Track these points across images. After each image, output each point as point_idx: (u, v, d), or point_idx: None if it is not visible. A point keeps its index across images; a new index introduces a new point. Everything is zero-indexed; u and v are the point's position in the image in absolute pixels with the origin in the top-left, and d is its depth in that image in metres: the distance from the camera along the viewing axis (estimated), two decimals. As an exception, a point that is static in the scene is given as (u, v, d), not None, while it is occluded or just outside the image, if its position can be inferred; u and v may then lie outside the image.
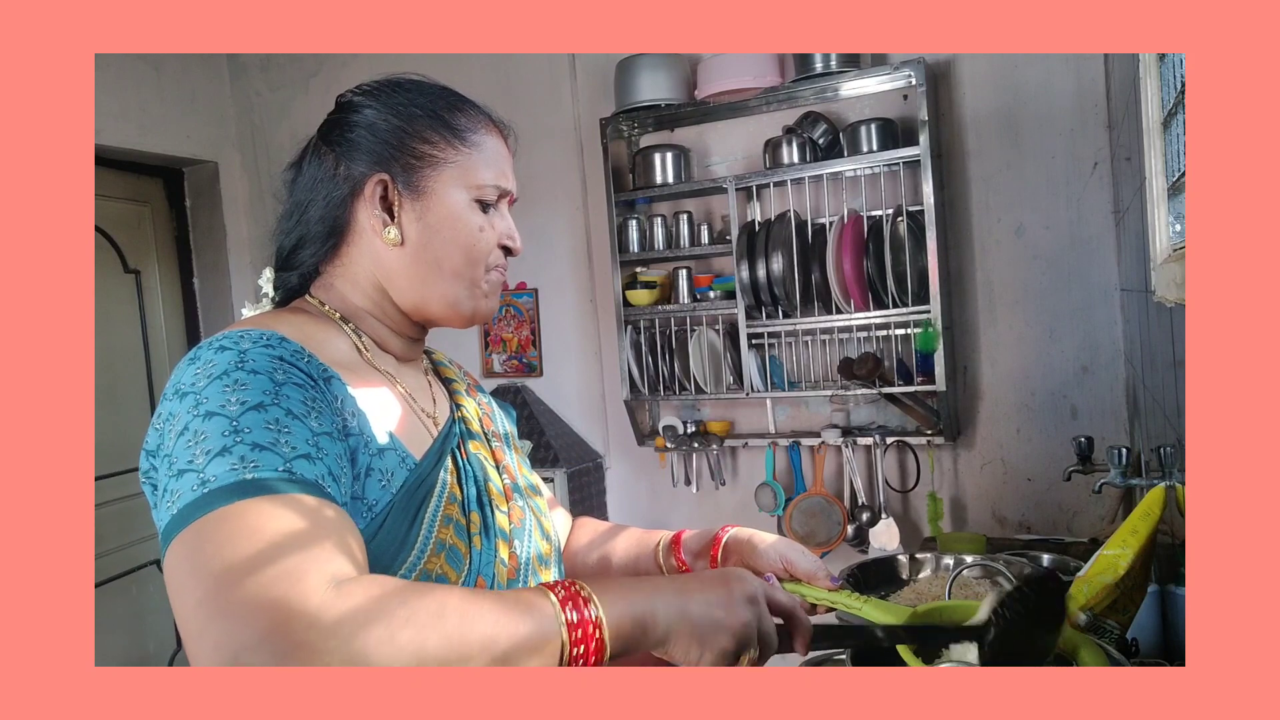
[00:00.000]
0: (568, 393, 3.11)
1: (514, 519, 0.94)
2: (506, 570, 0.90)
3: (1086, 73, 2.39)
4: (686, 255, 2.79)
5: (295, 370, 0.76)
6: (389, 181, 0.89)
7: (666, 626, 0.74)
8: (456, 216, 0.90)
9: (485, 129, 0.94)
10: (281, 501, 0.66)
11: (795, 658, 0.88)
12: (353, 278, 0.92)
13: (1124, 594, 1.10)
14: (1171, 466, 1.24)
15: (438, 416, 0.95)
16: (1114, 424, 2.42)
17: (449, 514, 0.86)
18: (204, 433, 0.69)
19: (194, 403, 0.71)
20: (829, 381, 2.63)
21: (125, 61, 3.02)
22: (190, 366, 0.74)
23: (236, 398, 0.70)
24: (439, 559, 0.82)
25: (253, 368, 0.73)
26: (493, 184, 0.92)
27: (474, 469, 0.93)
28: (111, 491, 3.00)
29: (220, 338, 0.77)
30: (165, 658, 3.20)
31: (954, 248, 2.56)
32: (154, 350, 3.25)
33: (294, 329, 0.82)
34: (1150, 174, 1.37)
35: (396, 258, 0.90)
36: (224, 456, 0.67)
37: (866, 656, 0.97)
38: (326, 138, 0.94)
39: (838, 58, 2.50)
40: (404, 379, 0.94)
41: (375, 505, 0.79)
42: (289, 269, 0.95)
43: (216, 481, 0.66)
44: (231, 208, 3.42)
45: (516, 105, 2.98)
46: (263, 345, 0.76)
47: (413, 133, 0.90)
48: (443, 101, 0.93)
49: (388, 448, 0.83)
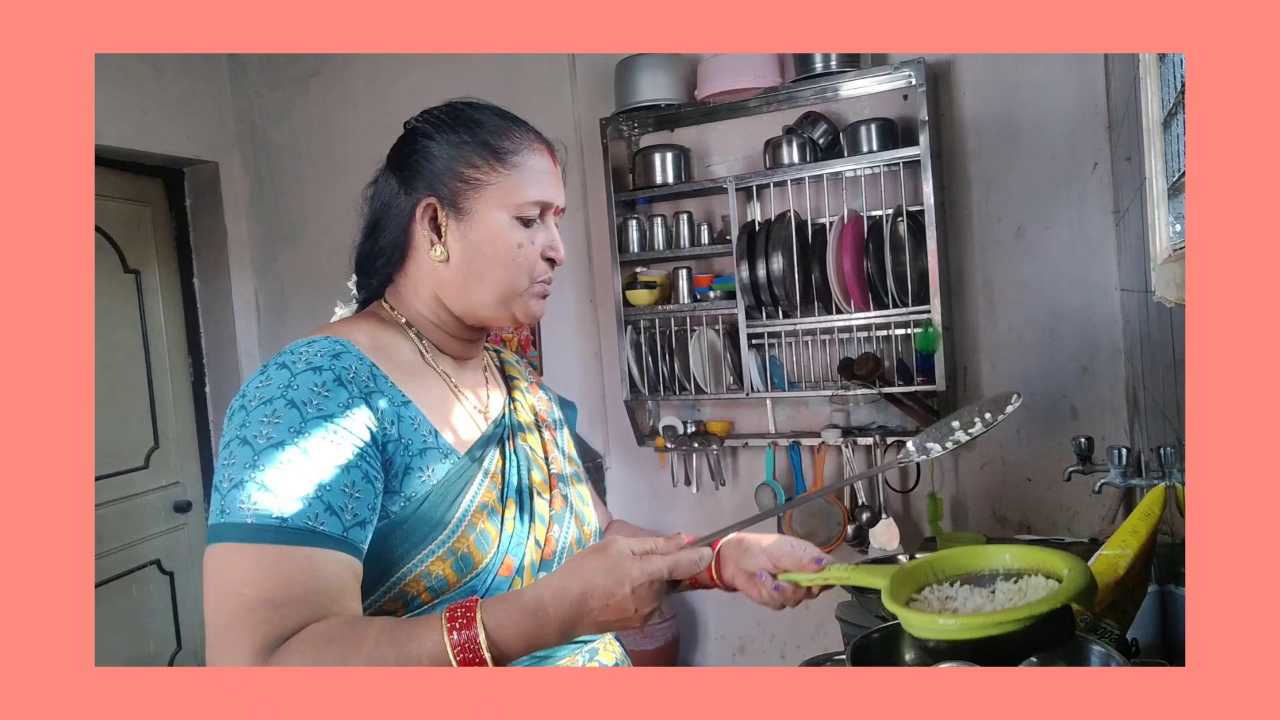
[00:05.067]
0: (568, 393, 3.08)
1: (555, 506, 1.04)
2: (541, 552, 0.99)
3: (1086, 73, 2.38)
4: (687, 255, 2.78)
5: (339, 390, 0.88)
6: (437, 205, 0.99)
7: (562, 640, 0.83)
8: (496, 235, 0.99)
9: (529, 148, 1.02)
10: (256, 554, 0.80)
11: (795, 658, 0.89)
12: (414, 288, 1.03)
13: (1124, 594, 1.10)
14: (1171, 466, 1.24)
15: (490, 411, 1.06)
16: (1114, 424, 2.42)
17: (485, 500, 0.96)
18: (235, 457, 0.84)
19: (241, 421, 0.86)
20: (829, 382, 2.63)
21: (125, 61, 3.02)
22: (259, 376, 0.89)
23: (267, 431, 0.84)
24: (468, 540, 0.92)
25: (292, 398, 0.86)
26: (534, 200, 1.00)
27: (520, 459, 1.03)
28: (111, 491, 3.00)
29: (289, 352, 0.91)
30: (165, 658, 3.20)
31: (954, 248, 2.56)
32: (154, 350, 3.25)
33: (366, 335, 0.97)
34: (1150, 174, 1.37)
35: (446, 271, 1.00)
36: (238, 490, 0.82)
37: (866, 656, 0.97)
38: (393, 163, 1.04)
39: (838, 58, 2.50)
40: (460, 377, 1.05)
41: (414, 496, 0.91)
42: (368, 274, 1.07)
43: (226, 516, 0.82)
44: (231, 208, 3.42)
45: (516, 105, 2.95)
46: (314, 369, 0.88)
47: (460, 158, 0.99)
48: (491, 126, 1.01)
49: (429, 447, 0.94)
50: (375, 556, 0.88)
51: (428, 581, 0.89)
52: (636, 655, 2.70)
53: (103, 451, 2.96)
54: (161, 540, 3.19)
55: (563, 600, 0.81)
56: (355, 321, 1.02)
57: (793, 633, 2.87)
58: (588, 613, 0.81)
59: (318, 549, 0.82)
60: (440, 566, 0.90)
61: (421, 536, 0.90)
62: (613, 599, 0.81)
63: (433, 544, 0.90)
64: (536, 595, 0.82)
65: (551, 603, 0.81)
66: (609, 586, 0.81)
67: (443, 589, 0.90)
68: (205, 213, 3.41)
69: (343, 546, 0.83)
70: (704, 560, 0.86)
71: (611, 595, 0.81)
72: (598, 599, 0.81)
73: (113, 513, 3.00)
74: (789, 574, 1.01)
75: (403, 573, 0.89)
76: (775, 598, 1.02)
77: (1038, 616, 0.75)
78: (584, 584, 0.82)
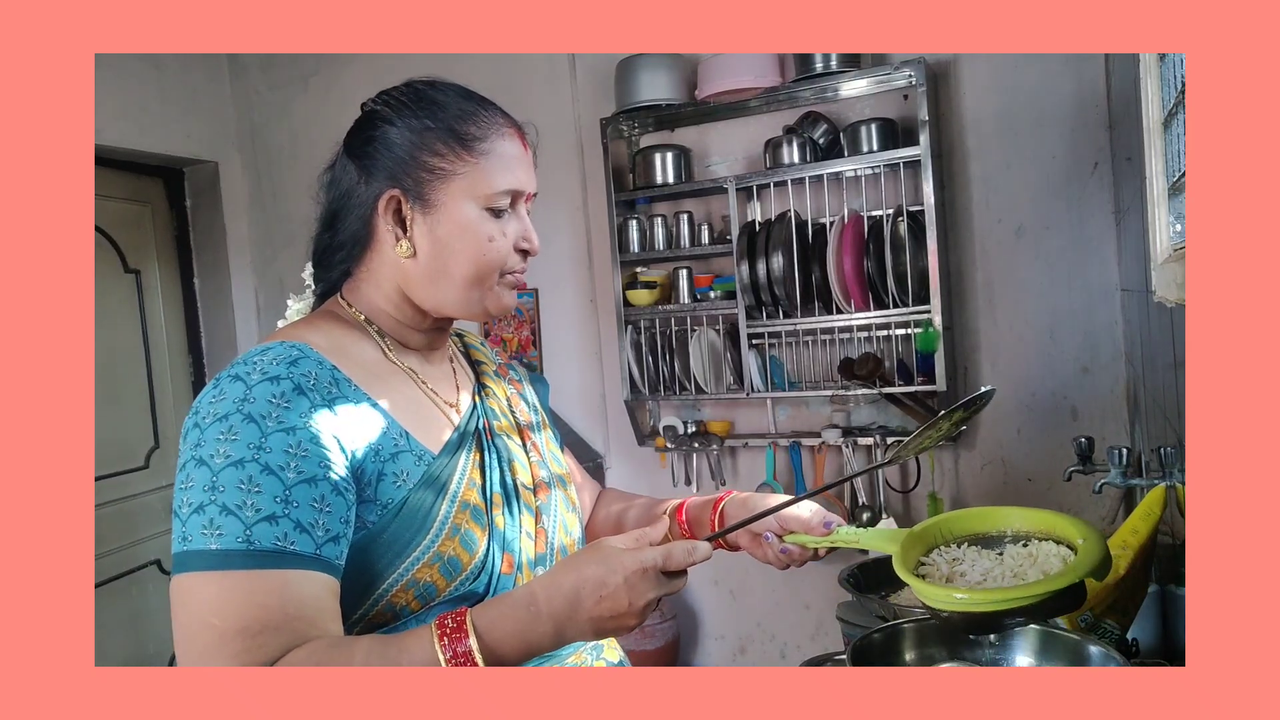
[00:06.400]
0: (568, 393, 3.11)
1: (540, 496, 1.00)
2: (534, 545, 0.96)
3: (1086, 73, 2.38)
4: (687, 255, 2.79)
5: (299, 399, 0.82)
6: (401, 197, 0.92)
7: (558, 640, 0.79)
8: (466, 228, 0.92)
9: (498, 133, 0.95)
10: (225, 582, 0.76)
11: (795, 658, 0.88)
12: (376, 282, 0.97)
13: (1124, 594, 1.10)
14: (1172, 467, 1.24)
15: (460, 405, 1.00)
16: (1114, 424, 2.42)
17: (467, 499, 0.91)
18: (192, 480, 0.79)
19: (196, 440, 0.81)
20: (829, 381, 2.63)
21: (125, 61, 3.02)
22: (211, 391, 0.83)
23: (224, 450, 0.79)
24: (453, 542, 0.88)
25: (249, 411, 0.80)
26: (504, 189, 0.93)
27: (499, 452, 0.99)
28: (111, 492, 3.00)
29: (242, 362, 0.85)
30: (165, 658, 3.20)
31: (954, 248, 2.56)
32: (154, 350, 3.25)
33: (324, 336, 0.92)
34: (1150, 174, 1.36)
35: (412, 267, 0.94)
36: (199, 515, 0.77)
37: (866, 656, 0.97)
38: (350, 149, 0.96)
39: (838, 58, 2.50)
40: (427, 372, 1.00)
41: (390, 503, 0.86)
42: (326, 268, 1.00)
43: (189, 544, 0.77)
44: (231, 208, 3.42)
45: (516, 105, 2.95)
46: (270, 379, 0.82)
47: (424, 146, 0.92)
48: (455, 110, 0.94)
49: (401, 450, 0.89)
50: (357, 570, 0.84)
51: (416, 590, 0.85)
52: (637, 655, 2.70)
53: (103, 452, 2.96)
54: (161, 540, 3.18)
55: (555, 595, 0.78)
56: (311, 322, 0.96)
57: (793, 633, 2.87)
58: (581, 607, 0.78)
59: (290, 570, 0.77)
60: (427, 573, 0.86)
61: (404, 544, 0.85)
62: (605, 589, 0.77)
63: (416, 550, 0.85)
64: (528, 591, 0.79)
65: (544, 598, 0.78)
66: (601, 576, 0.78)
67: (432, 595, 0.86)
68: (205, 212, 3.41)
69: (317, 565, 0.79)
70: (698, 552, 0.82)
71: (604, 585, 0.77)
72: (590, 591, 0.77)
73: (113, 513, 3.00)
74: (796, 535, 0.98)
75: (389, 584, 0.85)
76: (780, 558, 0.99)
77: (1053, 592, 0.76)
78: (576, 576, 0.78)
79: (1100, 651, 0.94)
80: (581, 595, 0.78)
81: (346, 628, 0.83)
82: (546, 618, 0.78)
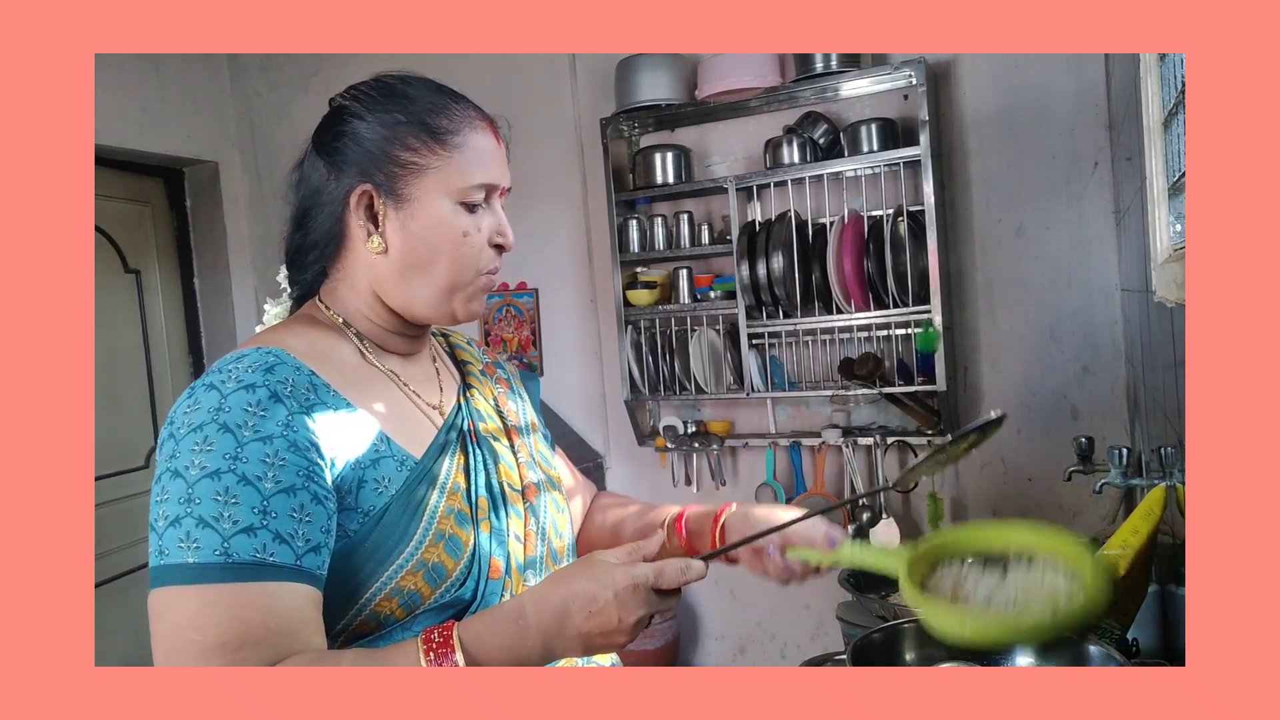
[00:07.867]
0: (568, 393, 3.11)
1: (530, 497, 0.98)
2: (524, 549, 0.94)
3: (1086, 73, 2.38)
4: (687, 255, 2.79)
5: (276, 407, 0.80)
6: (373, 191, 0.90)
7: (546, 656, 0.78)
8: (440, 223, 0.90)
9: (470, 127, 0.92)
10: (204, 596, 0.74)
11: (795, 658, 0.88)
12: (351, 283, 0.94)
13: (1124, 594, 1.10)
14: (1172, 467, 1.24)
15: (443, 407, 0.98)
16: (1114, 424, 2.42)
17: (451, 504, 0.89)
18: (167, 492, 0.77)
19: (171, 451, 0.79)
20: (829, 381, 2.63)
21: (125, 61, 3.02)
22: (186, 400, 0.81)
23: (199, 461, 0.77)
24: (437, 549, 0.86)
25: (225, 421, 0.78)
26: (478, 183, 0.91)
27: (484, 454, 0.96)
28: (111, 492, 3.00)
29: (217, 370, 0.83)
30: (165, 658, 3.20)
31: (954, 248, 2.56)
32: (154, 350, 3.25)
33: (301, 340, 0.89)
34: (1150, 174, 1.37)
35: (384, 264, 0.92)
36: (175, 528, 0.75)
37: (866, 656, 0.97)
38: (319, 146, 0.94)
39: (838, 58, 2.50)
40: (409, 373, 0.97)
41: (372, 510, 0.84)
42: (300, 269, 0.98)
43: (165, 558, 0.75)
44: (232, 208, 3.42)
45: (516, 105, 2.98)
46: (246, 387, 0.80)
47: (395, 140, 0.90)
48: (426, 104, 0.92)
49: (383, 455, 0.87)
50: (339, 579, 0.82)
51: (400, 598, 0.83)
52: (637, 655, 2.70)
53: (103, 451, 2.96)
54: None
55: (543, 608, 0.76)
56: (289, 326, 0.94)
57: (793, 633, 2.87)
58: (570, 622, 0.76)
59: (270, 582, 0.75)
60: (411, 580, 0.84)
61: (387, 552, 0.83)
62: (595, 605, 0.76)
63: (400, 558, 0.83)
64: (516, 605, 0.78)
65: (532, 612, 0.77)
66: (592, 591, 0.76)
67: (417, 603, 0.84)
68: (205, 212, 3.41)
69: (298, 576, 0.77)
70: (691, 571, 0.79)
71: (594, 600, 0.76)
72: (580, 606, 0.76)
73: (113, 513, 3.00)
74: (799, 550, 0.96)
75: (372, 593, 0.83)
76: (782, 573, 0.97)
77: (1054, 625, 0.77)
78: (565, 590, 0.77)
79: (1100, 651, 0.94)
80: (571, 610, 0.76)
81: (330, 639, 0.82)
82: (535, 632, 0.76)
